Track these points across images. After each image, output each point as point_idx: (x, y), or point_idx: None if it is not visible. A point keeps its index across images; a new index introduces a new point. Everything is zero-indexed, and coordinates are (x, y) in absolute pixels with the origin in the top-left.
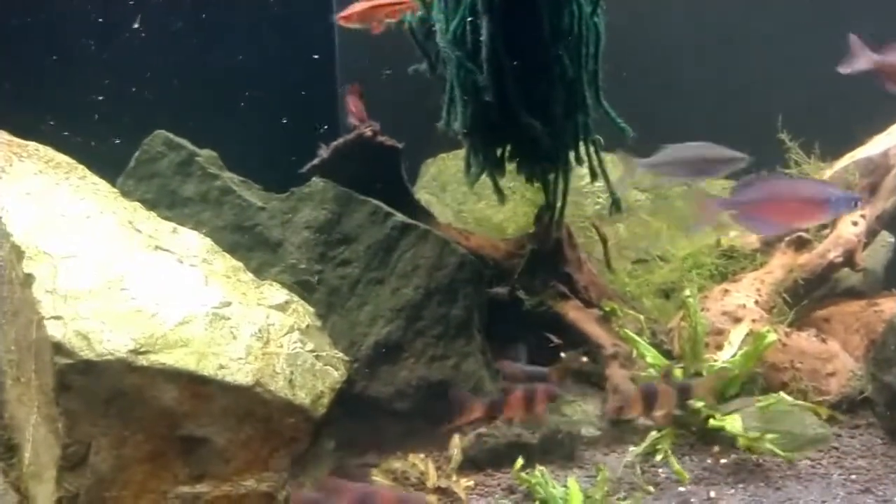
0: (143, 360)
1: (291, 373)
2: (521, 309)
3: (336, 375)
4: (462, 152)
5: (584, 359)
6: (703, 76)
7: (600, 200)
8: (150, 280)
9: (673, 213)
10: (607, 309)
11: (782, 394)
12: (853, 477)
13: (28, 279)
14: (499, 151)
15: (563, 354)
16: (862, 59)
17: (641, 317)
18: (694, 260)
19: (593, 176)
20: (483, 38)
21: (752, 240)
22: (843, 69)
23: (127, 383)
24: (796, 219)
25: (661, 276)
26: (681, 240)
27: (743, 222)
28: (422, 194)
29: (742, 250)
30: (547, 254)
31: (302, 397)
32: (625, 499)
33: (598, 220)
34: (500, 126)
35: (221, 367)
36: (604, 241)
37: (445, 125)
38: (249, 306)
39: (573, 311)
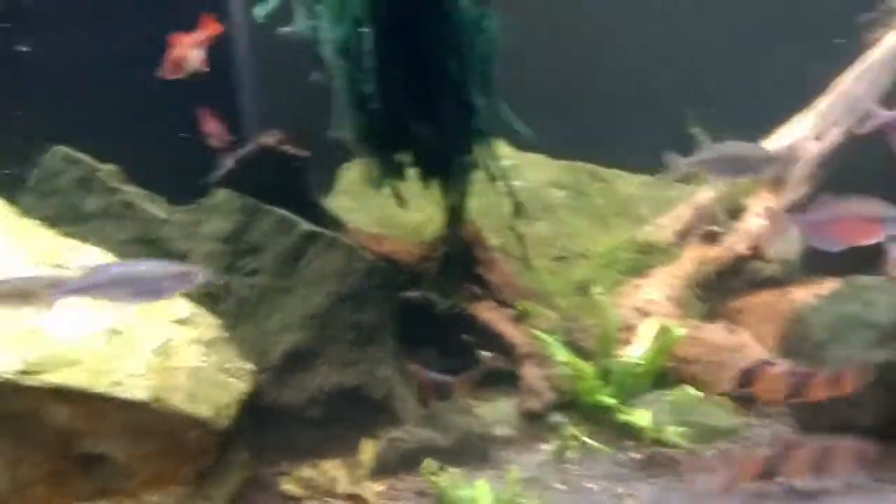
0: (31, 381)
1: (193, 387)
2: (435, 312)
3: (241, 387)
4: None
5: (493, 360)
6: (620, 74)
7: (520, 199)
8: None
9: (592, 211)
10: (521, 308)
11: (690, 387)
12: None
13: None
14: (397, 157)
15: (480, 354)
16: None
17: (554, 315)
18: (611, 256)
19: (492, 179)
20: (367, 47)
21: (667, 234)
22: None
23: (18, 404)
24: (857, 238)
25: (580, 273)
26: (600, 236)
27: (812, 239)
28: (341, 199)
29: (658, 245)
30: (459, 256)
31: (204, 411)
32: (536, 498)
33: (515, 220)
34: (390, 133)
35: (117, 383)
36: (520, 239)
37: (337, 133)
38: (150, 321)
39: (487, 312)
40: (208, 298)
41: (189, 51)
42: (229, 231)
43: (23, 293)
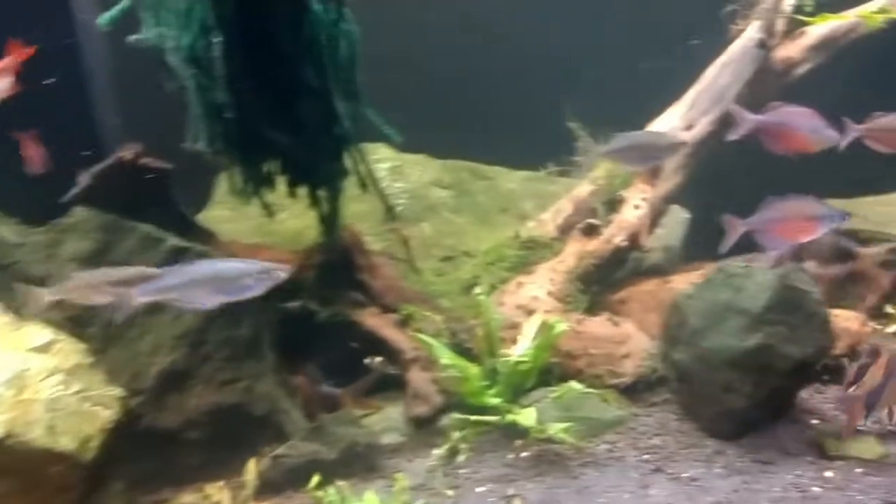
0: None
1: (52, 419)
2: (315, 322)
3: (107, 415)
4: None
5: (381, 366)
6: (499, 70)
7: (401, 202)
8: None
9: (476, 209)
10: (406, 312)
11: (573, 382)
12: (647, 457)
13: None
14: (261, 166)
15: (370, 362)
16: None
17: (439, 318)
18: (496, 253)
19: (363, 187)
20: (216, 54)
21: (549, 229)
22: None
23: None
24: (800, 236)
25: (467, 273)
26: (485, 234)
27: (762, 240)
28: (217, 210)
29: (541, 240)
30: (337, 263)
31: (66, 444)
32: None
33: (398, 223)
34: (249, 142)
35: None
36: (405, 242)
37: (194, 144)
38: (2, 352)
39: (370, 318)
40: (72, 323)
41: None
42: (90, 251)
43: (111, 285)
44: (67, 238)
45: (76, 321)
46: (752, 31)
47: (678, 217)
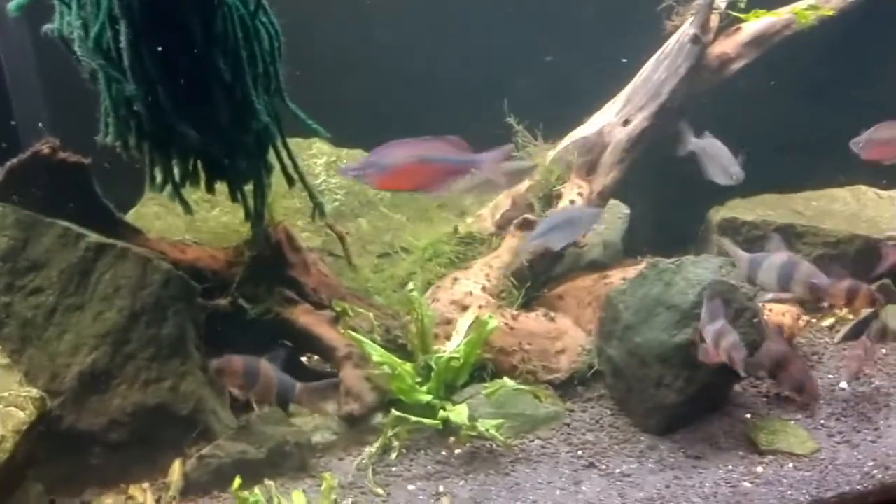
0: None
1: None
2: (245, 319)
3: (22, 416)
4: None
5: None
6: (430, 65)
7: (338, 198)
8: None
9: (414, 204)
10: (339, 309)
11: (506, 378)
12: (580, 453)
13: None
14: (184, 161)
15: (304, 360)
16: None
17: (371, 314)
18: (434, 249)
19: (290, 182)
20: (123, 44)
21: (487, 224)
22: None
23: None
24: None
25: (404, 268)
26: (423, 230)
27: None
28: (150, 206)
29: (479, 235)
30: (268, 259)
31: None
32: None
33: (332, 219)
34: (160, 136)
35: None
36: (341, 238)
37: (104, 137)
38: None
39: (303, 316)
40: None
41: None
42: (5, 248)
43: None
44: None
45: None
46: (687, 27)
47: (618, 212)
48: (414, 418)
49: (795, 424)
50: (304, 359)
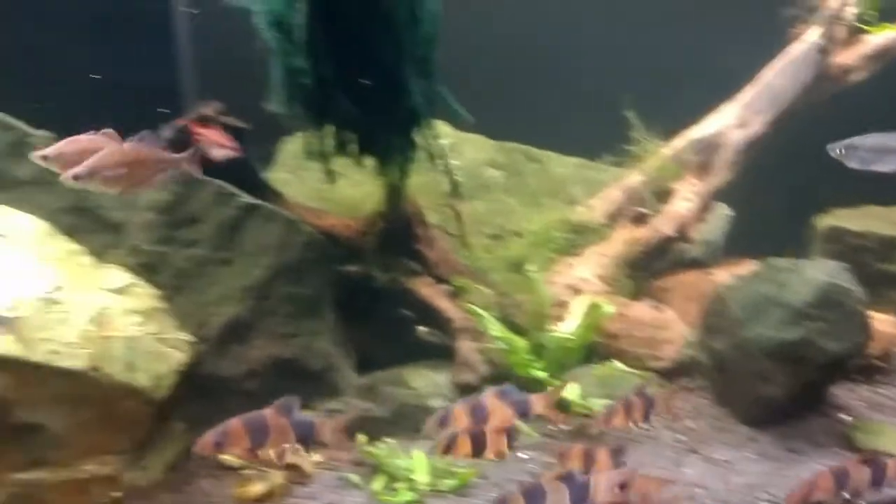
0: None
1: (130, 356)
2: (373, 286)
3: (179, 357)
4: None
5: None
6: (554, 55)
7: (458, 178)
8: None
9: (526, 190)
10: (458, 284)
11: (616, 361)
12: (681, 438)
13: None
14: (338, 133)
15: (418, 329)
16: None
17: (490, 291)
18: (545, 235)
19: (431, 159)
20: (300, 21)
21: (598, 215)
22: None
23: None
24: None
25: (514, 251)
26: (533, 215)
27: None
28: (280, 173)
29: (589, 225)
30: (398, 232)
31: (142, 380)
32: (469, 467)
33: (453, 198)
34: (323, 109)
35: (53, 352)
36: (458, 217)
37: (272, 105)
38: (86, 290)
39: (424, 288)
40: (144, 269)
41: None
42: (166, 202)
43: None
44: None
45: (148, 267)
46: (812, 36)
47: (720, 213)
48: None
49: (893, 427)
50: (422, 329)
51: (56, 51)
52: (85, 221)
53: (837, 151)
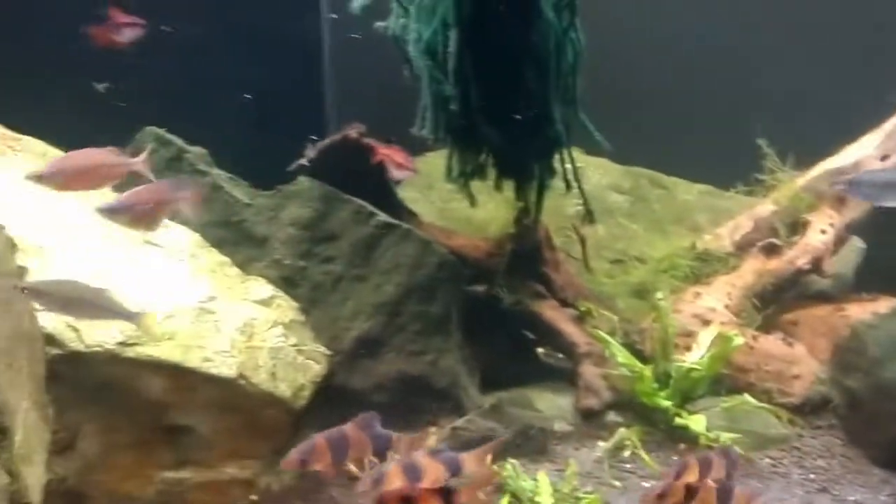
0: (130, 353)
1: (274, 366)
2: (499, 307)
3: (317, 369)
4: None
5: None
6: (686, 81)
7: (580, 203)
8: (139, 273)
9: (650, 216)
10: (583, 309)
11: (747, 395)
12: (812, 476)
13: (21, 271)
14: (478, 157)
15: (538, 351)
16: None
17: (615, 317)
18: (669, 262)
19: (568, 186)
20: (451, 49)
21: (725, 244)
22: None
23: (114, 374)
24: None
25: (637, 277)
26: (657, 242)
27: None
28: (406, 191)
29: (715, 254)
30: (526, 254)
31: (283, 390)
32: (592, 493)
33: (577, 222)
34: (467, 134)
35: (206, 359)
36: (582, 241)
37: (419, 130)
38: (234, 301)
39: (549, 311)
40: (284, 282)
41: None
42: (308, 218)
43: None
44: (290, 204)
45: (287, 280)
46: None
47: (853, 246)
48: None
49: None
50: (542, 350)
51: (215, 77)
52: (232, 234)
53: (842, 187)
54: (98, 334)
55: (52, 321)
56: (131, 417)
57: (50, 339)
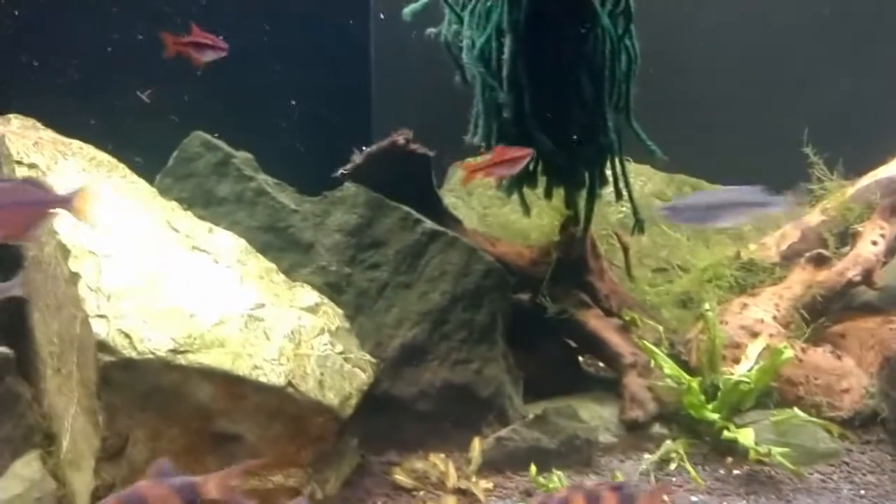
0: (181, 360)
1: (321, 374)
2: (543, 316)
3: (363, 377)
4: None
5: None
6: (732, 88)
7: (624, 209)
8: (188, 280)
9: (692, 225)
10: (627, 318)
11: (796, 409)
12: (862, 492)
13: (73, 277)
14: (529, 165)
15: (580, 359)
16: None
17: (660, 327)
18: (713, 271)
19: (618, 196)
20: (505, 56)
21: (771, 253)
22: None
23: (165, 380)
24: None
25: (681, 286)
26: (701, 250)
27: None
28: (448, 197)
29: (761, 264)
30: (571, 263)
31: (331, 398)
32: None
33: (620, 230)
34: (520, 141)
35: (256, 367)
36: (626, 250)
37: (471, 137)
38: (282, 308)
39: (594, 320)
40: (329, 288)
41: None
42: (354, 224)
43: None
44: (336, 210)
45: (333, 287)
46: None
47: None
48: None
49: None
50: (580, 358)
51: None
52: (278, 240)
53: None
54: (150, 341)
55: (104, 328)
56: (181, 424)
57: (102, 346)
